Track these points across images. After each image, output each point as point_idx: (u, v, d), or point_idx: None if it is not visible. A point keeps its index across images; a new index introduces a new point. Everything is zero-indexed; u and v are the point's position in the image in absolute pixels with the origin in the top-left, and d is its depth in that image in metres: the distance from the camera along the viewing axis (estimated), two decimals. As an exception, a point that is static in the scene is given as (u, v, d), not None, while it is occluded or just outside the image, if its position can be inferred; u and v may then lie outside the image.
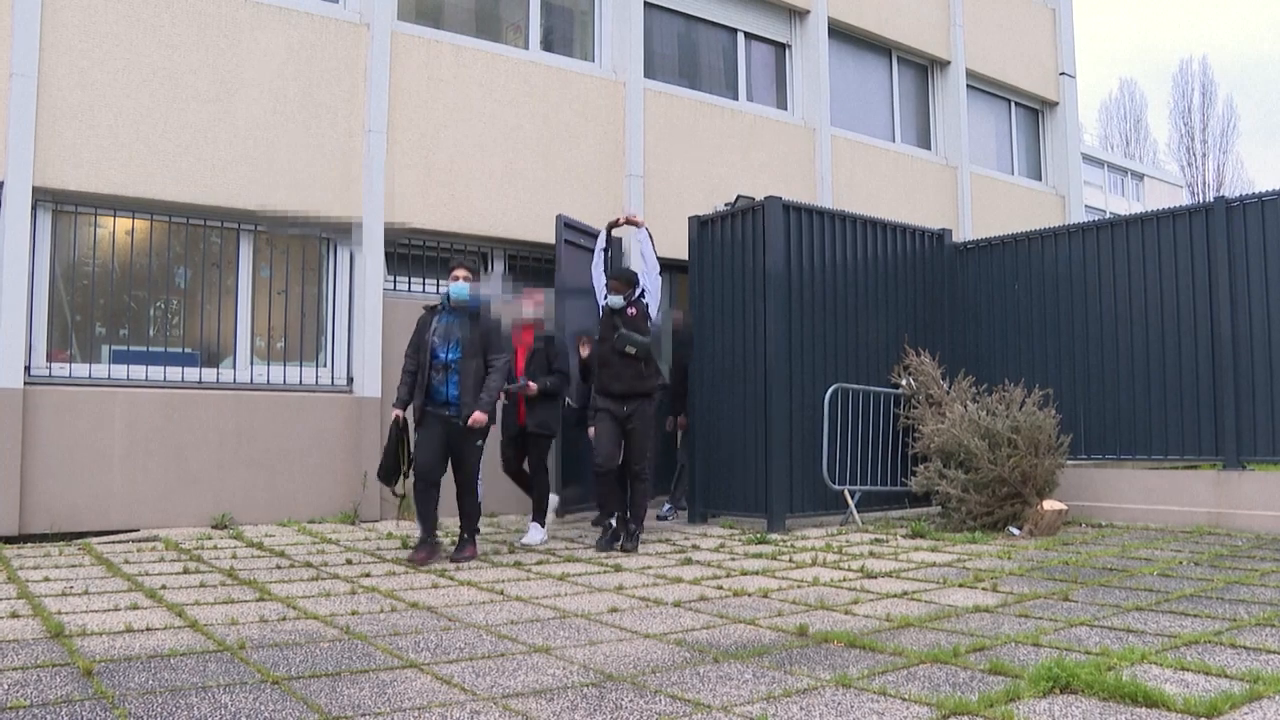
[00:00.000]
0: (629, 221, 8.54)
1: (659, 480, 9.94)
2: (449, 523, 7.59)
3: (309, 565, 6.51)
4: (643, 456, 7.55)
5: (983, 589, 5.68)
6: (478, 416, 6.61)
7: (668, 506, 9.75)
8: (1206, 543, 7.57)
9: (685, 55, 12.55)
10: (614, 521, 7.55)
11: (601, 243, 8.54)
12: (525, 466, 8.04)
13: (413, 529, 8.49)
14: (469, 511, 6.88)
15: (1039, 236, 10.16)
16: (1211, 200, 9.08)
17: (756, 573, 6.32)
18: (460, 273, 6.83)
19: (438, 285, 9.98)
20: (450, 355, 6.68)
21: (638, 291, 7.72)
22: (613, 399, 7.50)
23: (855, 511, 8.95)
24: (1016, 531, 8.12)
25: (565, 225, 9.82)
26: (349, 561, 6.66)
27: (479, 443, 6.78)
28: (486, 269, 10.45)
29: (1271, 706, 3.29)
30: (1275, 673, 3.64)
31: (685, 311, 9.69)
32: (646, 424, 7.56)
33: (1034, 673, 3.60)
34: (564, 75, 10.87)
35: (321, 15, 9.34)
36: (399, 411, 6.84)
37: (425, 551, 6.64)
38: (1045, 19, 16.70)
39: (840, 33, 13.65)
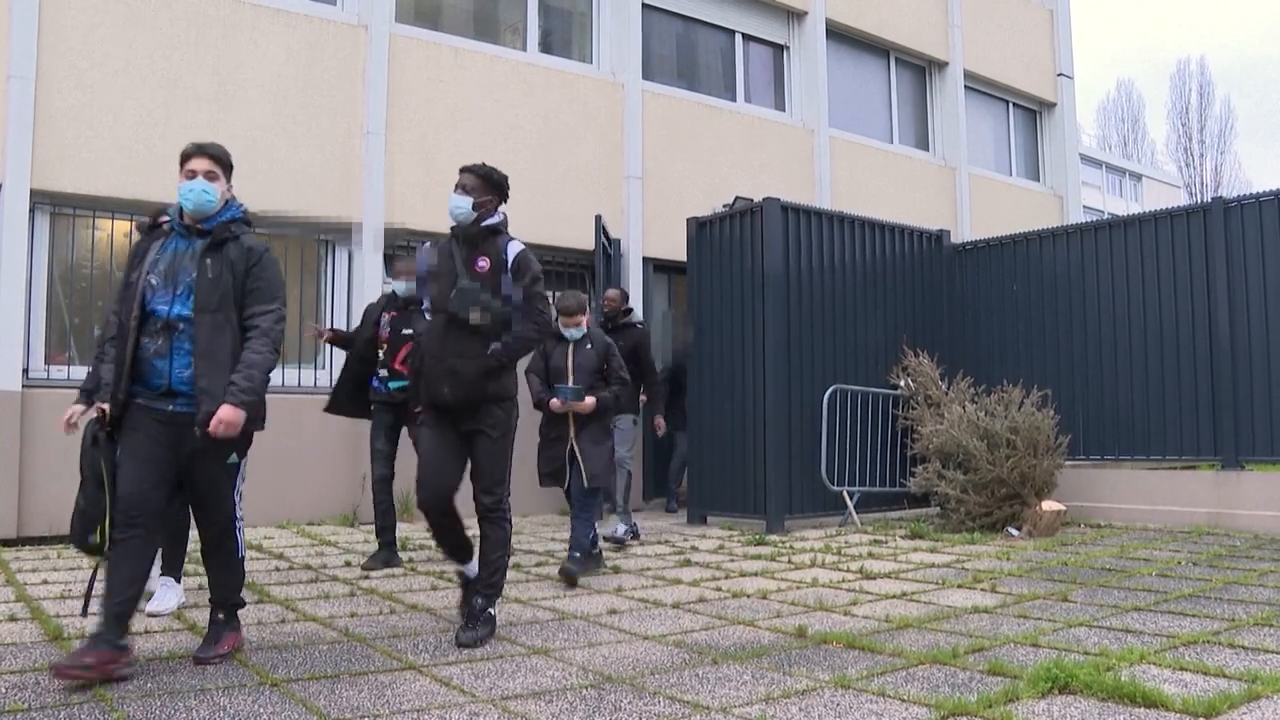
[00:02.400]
0: None
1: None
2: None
3: (308, 567, 6.51)
4: (497, 483, 4.63)
5: (982, 590, 5.68)
6: (227, 415, 3.76)
7: (624, 529, 7.72)
8: (1205, 543, 7.57)
9: (683, 57, 12.56)
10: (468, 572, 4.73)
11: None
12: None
13: (412, 533, 8.51)
14: (222, 577, 4.13)
15: (1037, 237, 10.17)
16: (1209, 201, 9.09)
17: (755, 574, 6.32)
18: (198, 164, 4.02)
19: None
20: (177, 309, 3.87)
21: (499, 218, 4.67)
22: (443, 411, 4.55)
23: (854, 512, 8.95)
24: (1015, 532, 8.12)
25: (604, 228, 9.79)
26: (348, 564, 6.66)
27: (232, 459, 4.01)
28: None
29: (1270, 706, 3.29)
30: (1274, 673, 3.64)
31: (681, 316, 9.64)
32: (500, 436, 4.60)
33: (1033, 673, 3.60)
34: (563, 77, 10.88)
35: (320, 17, 9.34)
36: (80, 408, 4.41)
37: (98, 653, 3.62)
38: (1043, 20, 16.71)
39: (838, 34, 13.65)
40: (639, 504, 10.61)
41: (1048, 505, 8.14)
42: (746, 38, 12.92)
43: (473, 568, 4.71)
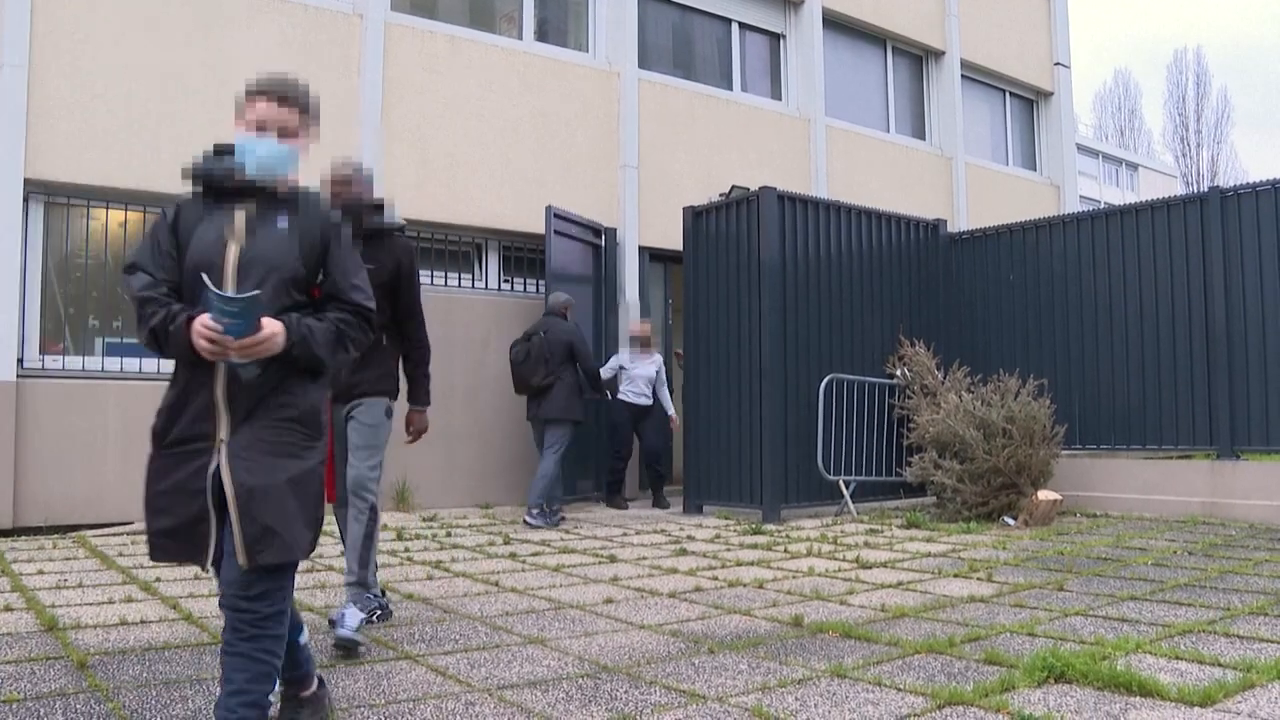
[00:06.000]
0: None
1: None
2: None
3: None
4: None
5: (978, 579, 5.69)
6: None
7: (355, 617, 4.12)
8: (1200, 532, 7.58)
9: (679, 46, 12.52)
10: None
11: None
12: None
13: (407, 522, 8.50)
14: None
15: (1034, 227, 10.16)
16: (1206, 190, 9.09)
17: (752, 563, 6.32)
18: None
19: (432, 278, 9.97)
20: None
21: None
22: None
23: (850, 502, 8.95)
24: (1011, 521, 8.13)
25: (555, 216, 9.81)
26: (342, 553, 6.63)
27: None
28: (481, 261, 10.43)
29: (1265, 695, 3.30)
30: (1269, 661, 3.65)
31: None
32: None
33: (1029, 662, 3.60)
34: (558, 66, 10.84)
35: (315, 6, 9.30)
36: None
37: None
38: (1040, 9, 16.68)
39: (835, 23, 13.62)
40: (634, 493, 10.60)
41: (1044, 495, 8.14)
42: (743, 26, 12.88)
43: None
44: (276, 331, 2.58)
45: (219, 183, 2.77)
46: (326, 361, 2.74)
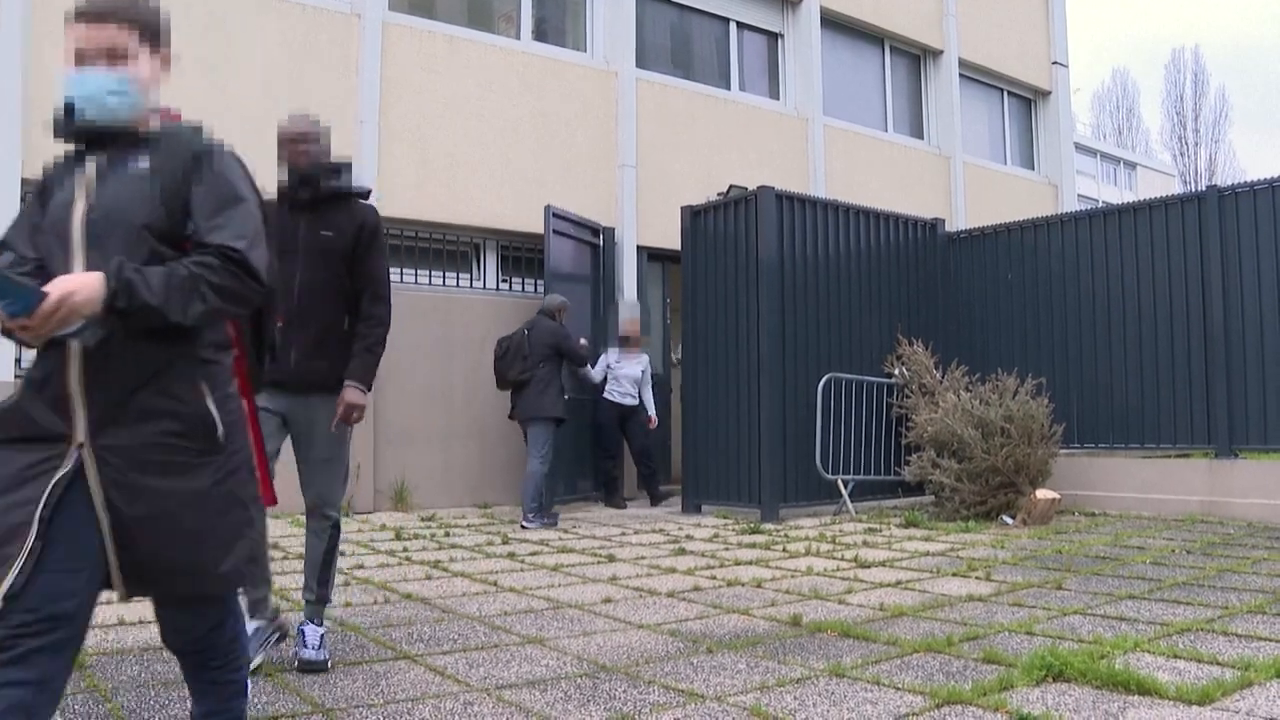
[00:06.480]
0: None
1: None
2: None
3: (302, 557, 6.49)
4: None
5: (976, 578, 5.69)
6: None
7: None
8: (1199, 531, 7.59)
9: (678, 45, 12.52)
10: None
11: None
12: None
13: (406, 522, 8.50)
14: None
15: (1032, 226, 10.16)
16: (1204, 189, 9.09)
17: (750, 563, 6.32)
18: None
19: (429, 276, 9.97)
20: None
21: None
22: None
23: (849, 501, 8.95)
24: (1010, 520, 8.13)
25: (554, 216, 9.81)
26: (342, 553, 6.63)
27: None
28: (480, 261, 10.42)
29: (1263, 693, 3.30)
30: (1267, 660, 3.65)
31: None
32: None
33: (1027, 661, 3.60)
34: (556, 65, 10.84)
35: (313, 6, 9.29)
36: None
37: None
38: (1038, 9, 16.68)
39: (833, 22, 13.63)
40: (633, 492, 10.59)
41: (1042, 494, 8.14)
42: (741, 25, 12.88)
43: None
44: (71, 289, 2.01)
45: (75, 135, 2.38)
46: (173, 314, 2.13)
